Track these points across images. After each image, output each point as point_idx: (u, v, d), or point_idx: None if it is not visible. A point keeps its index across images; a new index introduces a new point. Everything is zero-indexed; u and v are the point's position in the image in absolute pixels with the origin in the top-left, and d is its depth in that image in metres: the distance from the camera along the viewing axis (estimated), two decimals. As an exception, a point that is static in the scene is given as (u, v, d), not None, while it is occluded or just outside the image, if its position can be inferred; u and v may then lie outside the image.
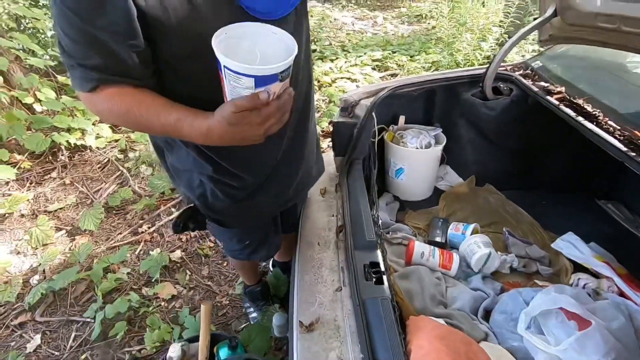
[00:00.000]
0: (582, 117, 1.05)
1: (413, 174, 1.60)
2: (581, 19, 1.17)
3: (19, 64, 2.95)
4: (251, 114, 0.59)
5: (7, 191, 2.37)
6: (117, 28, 0.58)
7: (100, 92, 0.64)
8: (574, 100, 1.14)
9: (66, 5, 0.55)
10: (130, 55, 0.61)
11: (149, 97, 0.67)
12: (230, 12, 0.65)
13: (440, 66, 3.97)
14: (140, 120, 0.67)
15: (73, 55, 0.61)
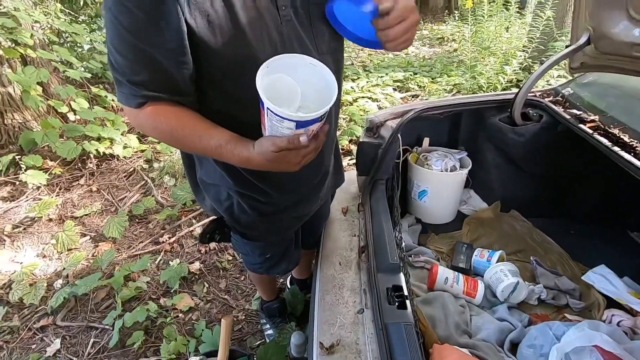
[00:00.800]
0: (619, 147, 1.02)
1: (437, 196, 1.58)
2: (616, 48, 1.16)
3: (56, 75, 3.12)
4: (289, 153, 0.62)
5: (37, 195, 2.46)
6: (169, 46, 0.61)
7: (146, 109, 0.66)
8: (609, 129, 1.12)
9: (121, 24, 0.58)
10: (179, 72, 0.64)
11: (192, 118, 0.69)
12: (274, 35, 0.67)
13: (462, 89, 3.97)
14: (183, 141, 0.70)
15: (123, 71, 0.64)
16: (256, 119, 0.66)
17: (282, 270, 1.24)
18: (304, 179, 0.93)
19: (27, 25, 2.71)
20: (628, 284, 1.23)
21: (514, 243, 1.49)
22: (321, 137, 0.65)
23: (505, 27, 4.53)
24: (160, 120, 0.67)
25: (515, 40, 4.19)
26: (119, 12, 0.57)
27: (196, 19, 0.60)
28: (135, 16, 0.57)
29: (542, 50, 3.80)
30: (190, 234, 2.20)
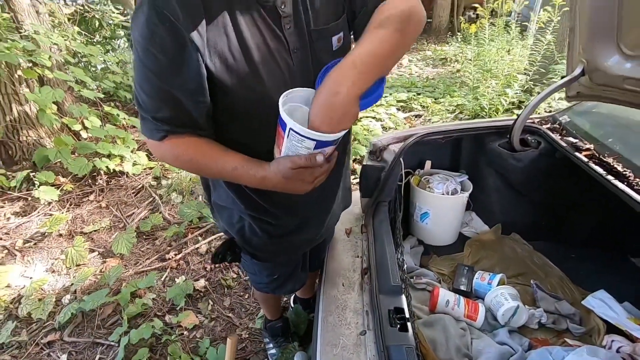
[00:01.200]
0: (613, 176, 1.06)
1: (438, 219, 1.61)
2: (609, 80, 1.21)
3: (71, 94, 3.23)
4: (305, 171, 0.67)
5: (49, 211, 2.53)
6: (189, 87, 0.67)
7: (168, 142, 0.72)
8: (603, 158, 1.16)
9: (147, 67, 0.65)
10: (197, 109, 0.70)
11: (209, 146, 0.75)
12: (285, 73, 0.74)
13: (464, 109, 4.03)
14: (202, 168, 0.76)
15: (147, 108, 0.70)
16: (266, 146, 0.72)
17: (288, 290, 1.27)
18: (312, 202, 0.98)
19: (45, 47, 2.83)
20: (628, 310, 1.25)
21: (515, 266, 1.51)
22: (333, 158, 0.70)
23: (507, 50, 4.64)
24: (180, 151, 0.73)
25: (517, 63, 4.27)
26: (145, 57, 0.64)
27: (215, 63, 0.66)
28: (159, 61, 0.63)
29: (543, 74, 3.87)
30: (196, 251, 2.24)
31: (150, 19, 0.60)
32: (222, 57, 0.66)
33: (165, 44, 0.62)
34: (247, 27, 0.67)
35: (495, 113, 3.73)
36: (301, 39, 0.74)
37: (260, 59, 0.69)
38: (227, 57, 0.66)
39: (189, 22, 0.61)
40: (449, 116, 3.97)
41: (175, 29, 0.61)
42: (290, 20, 0.72)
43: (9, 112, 2.76)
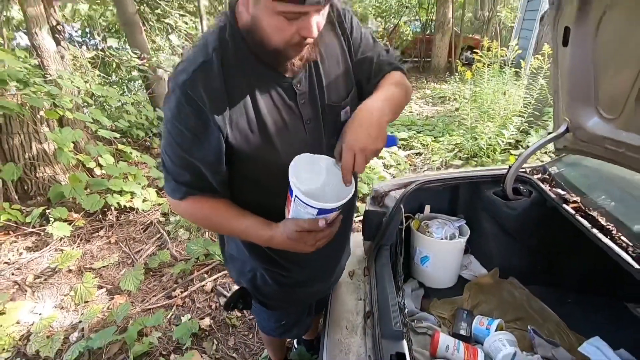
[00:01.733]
0: (597, 230, 1.14)
1: (438, 262, 1.68)
2: (591, 138, 1.32)
3: (87, 131, 3.40)
4: (308, 234, 0.75)
5: (60, 246, 2.60)
6: (208, 160, 0.78)
7: (186, 201, 0.83)
8: (588, 211, 1.25)
9: (174, 138, 0.76)
10: (215, 178, 0.81)
11: (223, 206, 0.85)
12: (300, 144, 0.84)
13: (463, 148, 4.17)
14: (216, 225, 0.87)
15: (170, 172, 0.81)
16: (279, 206, 0.81)
17: (294, 335, 1.32)
18: (322, 257, 1.06)
19: (67, 90, 3.02)
20: (624, 357, 1.29)
21: (513, 311, 1.56)
22: (336, 224, 0.79)
23: (503, 92, 4.85)
24: (196, 208, 0.84)
25: (512, 105, 4.46)
26: (173, 130, 0.75)
27: (236, 137, 0.77)
28: (184, 135, 0.75)
29: (538, 116, 4.04)
30: (202, 288, 2.29)
31: (180, 100, 0.72)
32: (242, 133, 0.77)
33: (191, 122, 0.73)
34: (265, 104, 0.79)
35: (492, 153, 3.87)
36: (314, 111, 0.85)
37: (275, 132, 0.80)
38: (247, 132, 0.78)
39: (213, 107, 0.73)
40: (448, 155, 4.10)
41: (201, 111, 0.72)
42: (305, 95, 0.83)
43: (28, 150, 2.91)
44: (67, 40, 3.53)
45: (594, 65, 1.24)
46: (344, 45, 0.87)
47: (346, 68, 0.88)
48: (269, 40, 0.70)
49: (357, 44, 0.89)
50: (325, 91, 0.85)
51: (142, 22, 4.35)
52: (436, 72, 9.93)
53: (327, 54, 0.85)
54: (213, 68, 0.73)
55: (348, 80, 0.89)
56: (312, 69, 0.83)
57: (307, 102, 0.83)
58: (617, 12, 1.08)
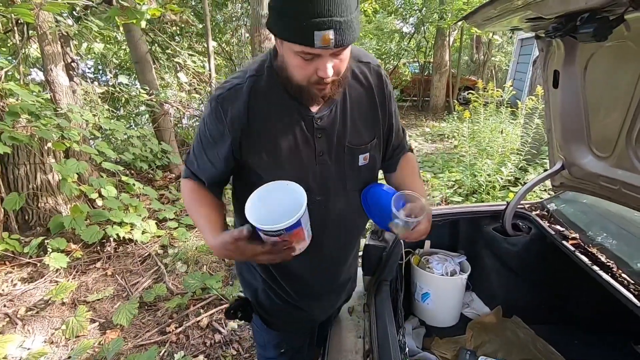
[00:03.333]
0: (597, 267, 1.14)
1: (439, 299, 1.65)
2: (586, 175, 1.35)
3: (91, 164, 3.46)
4: (246, 246, 0.79)
5: (55, 278, 2.56)
6: (217, 164, 0.92)
7: (186, 179, 0.98)
8: (587, 248, 1.25)
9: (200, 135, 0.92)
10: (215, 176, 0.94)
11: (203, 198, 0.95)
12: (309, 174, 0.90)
13: (462, 185, 4.20)
14: (188, 211, 0.97)
15: (189, 157, 0.98)
16: None
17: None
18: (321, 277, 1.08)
19: (76, 123, 3.12)
20: (635, 403, 1.23)
21: (518, 352, 1.51)
22: (279, 247, 0.79)
23: (500, 130, 4.97)
24: (186, 188, 0.98)
25: (510, 143, 4.55)
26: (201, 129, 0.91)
27: (249, 155, 0.88)
28: (205, 136, 0.90)
29: (535, 154, 4.11)
30: (197, 324, 2.22)
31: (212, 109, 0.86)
32: (256, 156, 0.88)
33: (213, 129, 0.88)
34: (282, 130, 0.87)
35: (492, 190, 3.89)
36: (329, 147, 0.91)
37: (286, 157, 0.88)
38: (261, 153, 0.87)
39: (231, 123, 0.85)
40: (448, 191, 4.12)
41: (222, 123, 0.85)
42: (324, 131, 0.89)
43: (33, 180, 2.94)
44: (80, 76, 3.69)
45: (584, 105, 1.29)
46: (378, 102, 0.95)
47: (373, 120, 0.96)
48: (293, 77, 0.80)
49: (392, 109, 1.00)
50: (348, 133, 0.91)
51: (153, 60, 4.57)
52: (434, 111, 10.22)
53: (357, 101, 0.93)
54: (243, 91, 0.85)
55: (372, 131, 0.96)
56: (339, 109, 0.90)
57: (324, 138, 0.89)
58: (602, 56, 1.14)
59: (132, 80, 4.62)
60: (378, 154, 1.00)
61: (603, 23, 0.68)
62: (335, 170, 0.93)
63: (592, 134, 1.32)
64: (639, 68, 1.01)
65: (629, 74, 1.06)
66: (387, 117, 0.99)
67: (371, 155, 0.97)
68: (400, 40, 11.73)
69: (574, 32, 0.75)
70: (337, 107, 0.90)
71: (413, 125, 8.90)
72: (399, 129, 1.06)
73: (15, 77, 3.05)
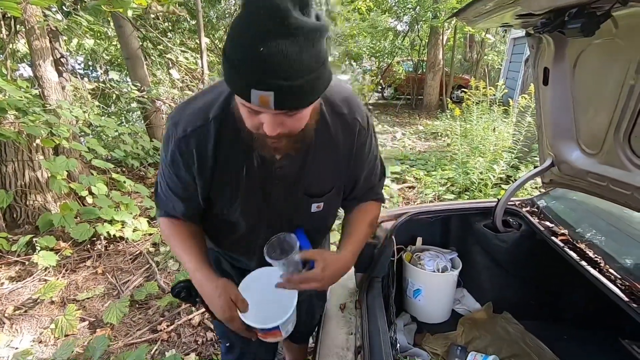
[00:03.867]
0: (585, 262, 1.15)
1: (430, 296, 1.65)
2: (575, 172, 1.36)
3: (81, 160, 3.41)
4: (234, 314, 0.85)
5: (44, 277, 2.52)
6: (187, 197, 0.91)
7: (162, 219, 0.97)
8: (576, 244, 1.26)
9: (165, 175, 0.92)
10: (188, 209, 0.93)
11: (185, 235, 0.95)
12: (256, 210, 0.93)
13: (455, 183, 4.23)
14: (173, 248, 0.96)
15: (159, 197, 0.97)
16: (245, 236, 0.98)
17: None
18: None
19: (65, 120, 3.07)
20: (621, 396, 1.25)
21: (508, 347, 1.52)
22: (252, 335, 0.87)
23: (492, 128, 5.01)
24: (165, 228, 0.97)
25: (502, 141, 4.59)
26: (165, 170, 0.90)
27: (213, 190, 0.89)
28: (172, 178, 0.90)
29: (527, 152, 4.15)
30: (189, 322, 2.21)
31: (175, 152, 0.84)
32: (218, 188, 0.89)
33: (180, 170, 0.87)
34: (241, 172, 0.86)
35: (484, 187, 3.92)
36: (285, 194, 0.91)
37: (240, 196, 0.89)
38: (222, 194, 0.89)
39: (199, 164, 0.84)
40: (441, 189, 4.15)
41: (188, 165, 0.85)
42: (281, 180, 0.88)
43: (21, 178, 2.90)
44: (70, 72, 3.63)
45: (574, 103, 1.31)
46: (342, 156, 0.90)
47: (336, 171, 0.92)
48: (244, 125, 0.73)
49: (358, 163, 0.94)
50: (306, 183, 0.91)
51: (145, 56, 4.51)
52: (428, 109, 10.26)
53: (322, 150, 0.87)
54: (208, 134, 0.81)
55: (332, 182, 0.94)
56: (299, 162, 0.87)
57: (281, 185, 0.89)
58: (591, 54, 1.15)
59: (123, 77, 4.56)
60: (336, 201, 1.00)
61: (590, 18, 0.68)
62: (286, 214, 0.95)
63: (581, 131, 1.33)
64: (626, 65, 1.02)
65: (617, 71, 1.07)
66: (352, 170, 0.94)
67: (326, 203, 0.96)
68: (395, 39, 11.75)
69: (562, 27, 0.76)
70: (300, 157, 0.86)
71: (407, 124, 8.93)
72: (369, 177, 1.00)
73: (2, 73, 2.99)
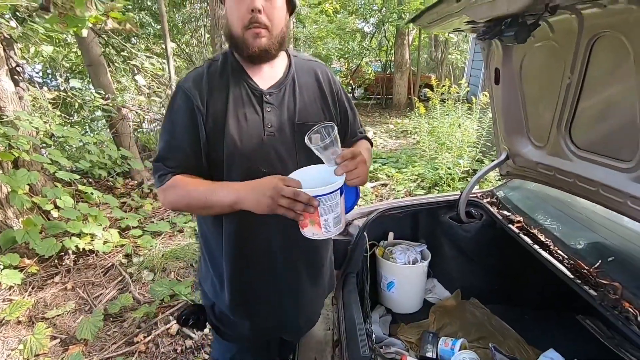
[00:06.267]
0: (538, 246, 1.25)
1: (403, 287, 1.73)
2: (527, 163, 1.48)
3: (44, 173, 3.27)
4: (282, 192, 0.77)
5: (8, 296, 2.41)
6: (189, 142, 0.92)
7: (173, 179, 0.91)
8: (530, 229, 1.37)
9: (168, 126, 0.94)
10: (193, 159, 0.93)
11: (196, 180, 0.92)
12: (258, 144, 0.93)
13: (425, 179, 4.39)
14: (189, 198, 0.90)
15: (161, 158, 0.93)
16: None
17: None
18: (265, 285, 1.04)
19: (24, 131, 2.94)
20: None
21: (476, 331, 1.62)
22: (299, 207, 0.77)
23: (458, 125, 5.23)
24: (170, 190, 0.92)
25: (467, 137, 4.80)
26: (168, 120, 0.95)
27: (209, 123, 0.92)
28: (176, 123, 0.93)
29: (490, 147, 4.36)
30: (167, 332, 2.18)
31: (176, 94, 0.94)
32: (213, 119, 0.92)
33: (180, 110, 0.92)
34: (234, 100, 0.93)
35: (452, 181, 4.09)
36: (278, 121, 0.95)
37: (235, 124, 0.92)
38: (216, 118, 0.92)
39: (197, 96, 0.92)
40: (412, 185, 4.29)
41: (188, 99, 0.92)
42: (273, 106, 0.95)
43: (-22, 194, 2.75)
44: (27, 81, 3.47)
45: (523, 100, 1.42)
46: (326, 91, 1.04)
47: (323, 105, 1.03)
48: (232, 28, 0.91)
49: (342, 100, 1.09)
50: (297, 111, 0.98)
51: (108, 63, 4.38)
52: (397, 107, 10.52)
53: (306, 87, 1.01)
54: (202, 71, 0.96)
55: (322, 113, 1.02)
56: (288, 90, 0.98)
57: (273, 112, 0.95)
58: (534, 55, 1.26)
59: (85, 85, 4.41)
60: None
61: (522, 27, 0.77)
62: (285, 148, 0.95)
63: (530, 126, 1.45)
64: (562, 65, 1.13)
65: (556, 70, 1.18)
66: (338, 104, 1.07)
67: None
68: (362, 40, 11.97)
69: (500, 35, 0.84)
70: (286, 88, 0.98)
71: (377, 123, 9.12)
72: (354, 120, 1.14)
73: (-49, 84, 2.82)
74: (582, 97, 1.13)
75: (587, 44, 1.00)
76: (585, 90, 1.12)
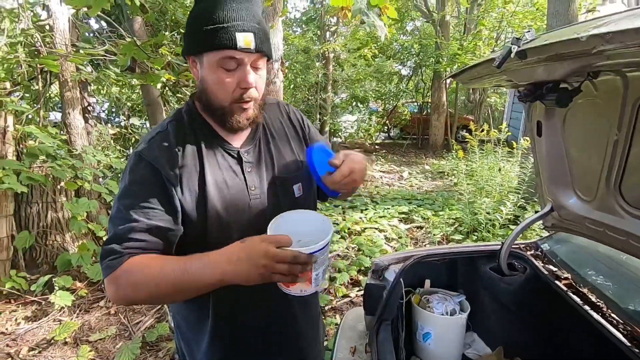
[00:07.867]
0: (589, 307, 1.18)
1: (441, 339, 1.66)
2: (573, 218, 1.43)
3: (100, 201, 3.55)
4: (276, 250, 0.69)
5: (59, 316, 2.57)
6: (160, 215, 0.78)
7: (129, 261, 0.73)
8: (579, 288, 1.30)
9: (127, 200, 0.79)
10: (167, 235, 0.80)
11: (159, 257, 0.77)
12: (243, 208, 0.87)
13: (462, 223, 4.26)
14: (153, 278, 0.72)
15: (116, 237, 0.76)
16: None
17: None
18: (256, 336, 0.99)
19: (88, 163, 3.26)
20: None
21: (521, 394, 1.51)
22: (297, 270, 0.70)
23: (498, 168, 5.10)
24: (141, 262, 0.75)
25: (508, 182, 4.66)
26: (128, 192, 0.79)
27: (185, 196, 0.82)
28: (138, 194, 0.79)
29: (533, 193, 4.19)
30: (199, 365, 2.20)
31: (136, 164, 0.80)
32: (191, 191, 0.82)
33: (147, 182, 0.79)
34: (210, 167, 0.84)
35: (492, 228, 3.94)
36: (260, 180, 0.90)
37: (217, 193, 0.84)
38: (194, 191, 0.82)
39: (167, 166, 0.80)
40: (449, 229, 4.17)
41: (155, 171, 0.79)
42: (252, 165, 0.90)
43: (43, 219, 3.03)
44: (95, 118, 3.89)
45: (567, 152, 1.41)
46: (299, 134, 1.02)
47: (297, 150, 0.99)
48: (216, 98, 0.81)
49: (312, 134, 1.05)
50: (275, 165, 0.93)
51: (164, 102, 4.81)
52: (434, 148, 10.45)
53: (278, 133, 0.97)
54: (168, 135, 0.83)
55: (298, 161, 0.98)
56: (262, 143, 0.93)
57: (254, 172, 0.90)
58: (578, 110, 1.27)
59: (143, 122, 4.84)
60: (310, 182, 0.98)
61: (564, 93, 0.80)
62: (272, 209, 0.89)
63: (576, 179, 1.42)
64: (608, 121, 1.13)
65: (602, 125, 1.17)
66: (310, 139, 1.03)
67: (305, 184, 0.96)
68: (399, 82, 12.25)
69: (541, 98, 0.87)
70: (260, 141, 0.93)
71: (413, 163, 9.08)
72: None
73: (35, 120, 3.24)
74: (632, 154, 1.12)
75: (634, 104, 1.01)
76: (635, 147, 1.10)
